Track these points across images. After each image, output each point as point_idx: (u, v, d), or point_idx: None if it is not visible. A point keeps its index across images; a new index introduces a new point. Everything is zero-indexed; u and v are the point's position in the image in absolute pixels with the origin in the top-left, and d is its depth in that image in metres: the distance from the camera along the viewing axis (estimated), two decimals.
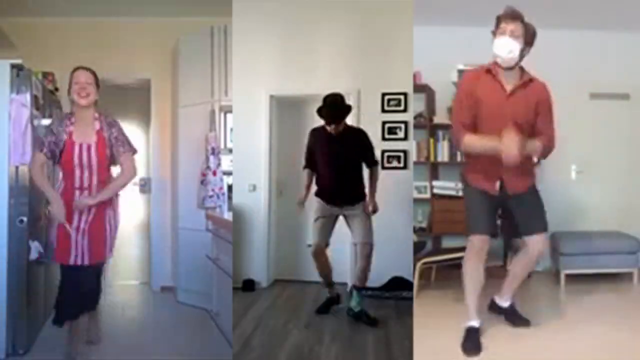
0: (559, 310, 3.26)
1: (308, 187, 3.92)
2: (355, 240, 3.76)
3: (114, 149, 2.98)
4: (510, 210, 2.92)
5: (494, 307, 3.17)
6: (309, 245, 3.83)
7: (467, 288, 2.90)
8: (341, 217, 3.84)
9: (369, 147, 3.82)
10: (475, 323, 2.89)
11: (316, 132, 3.85)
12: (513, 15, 2.68)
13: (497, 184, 2.81)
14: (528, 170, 2.88)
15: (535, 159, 2.90)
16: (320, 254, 3.80)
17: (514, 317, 3.10)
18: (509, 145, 2.55)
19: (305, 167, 3.94)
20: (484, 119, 2.76)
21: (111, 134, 2.97)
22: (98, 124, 2.94)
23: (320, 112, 3.68)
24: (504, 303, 3.14)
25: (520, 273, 3.06)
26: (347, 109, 3.70)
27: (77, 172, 2.88)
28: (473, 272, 2.88)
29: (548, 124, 2.77)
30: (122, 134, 3.03)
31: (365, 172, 3.86)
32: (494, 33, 2.72)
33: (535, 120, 2.75)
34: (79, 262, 2.89)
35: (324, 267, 3.87)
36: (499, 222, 3.19)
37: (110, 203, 3.03)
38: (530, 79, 2.75)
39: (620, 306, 3.54)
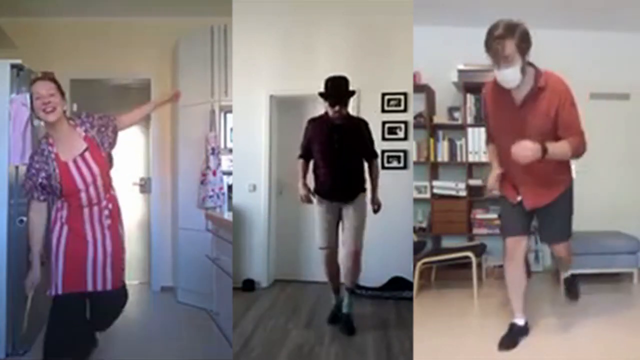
0: (559, 310, 3.25)
1: (305, 178, 3.61)
2: (344, 242, 3.53)
3: (107, 141, 2.63)
4: (537, 218, 2.89)
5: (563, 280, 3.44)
6: (325, 249, 3.56)
7: (509, 289, 2.91)
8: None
9: (370, 139, 3.64)
10: (519, 321, 2.91)
11: (316, 122, 3.59)
12: (499, 39, 2.43)
13: (518, 197, 2.79)
14: (554, 181, 2.77)
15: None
16: (331, 259, 3.56)
17: (567, 288, 3.37)
18: (516, 151, 2.44)
19: (301, 156, 3.65)
20: (497, 133, 2.75)
21: (94, 128, 2.59)
22: (80, 129, 2.55)
23: (322, 94, 3.44)
24: (565, 275, 3.41)
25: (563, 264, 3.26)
26: (351, 92, 3.47)
27: (83, 191, 2.53)
28: (511, 274, 2.88)
29: (572, 123, 2.59)
30: (99, 119, 2.63)
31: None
32: (488, 53, 2.50)
33: (557, 126, 2.59)
34: (99, 287, 2.58)
35: (333, 273, 3.62)
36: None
37: (119, 219, 2.75)
38: (541, 86, 2.55)
39: (620, 306, 3.54)
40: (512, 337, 2.85)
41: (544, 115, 2.57)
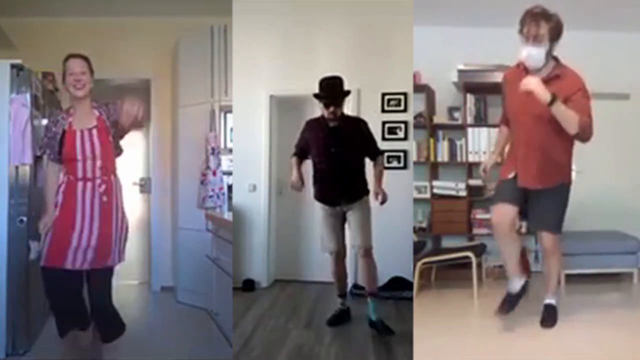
0: (559, 310, 3.25)
1: (299, 169, 3.55)
2: (354, 242, 3.52)
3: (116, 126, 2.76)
4: (530, 203, 2.94)
5: (543, 306, 3.16)
6: (330, 253, 3.61)
7: (503, 257, 3.03)
8: None
9: (371, 138, 3.57)
10: (515, 288, 3.04)
11: (312, 123, 3.54)
12: (535, 17, 2.67)
13: (512, 173, 2.90)
14: (553, 169, 2.86)
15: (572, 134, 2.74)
16: (339, 262, 3.62)
17: (545, 316, 3.08)
18: (524, 82, 2.62)
19: (295, 154, 3.62)
20: (511, 112, 2.91)
21: (109, 115, 2.78)
22: (96, 111, 2.77)
23: (317, 95, 3.40)
24: (546, 301, 3.16)
25: (547, 271, 3.13)
26: (346, 92, 3.43)
27: (80, 161, 2.67)
28: (502, 243, 2.96)
29: (583, 107, 2.71)
30: (114, 107, 2.80)
31: (368, 165, 3.63)
32: (520, 33, 2.73)
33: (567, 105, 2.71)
34: (77, 266, 2.63)
35: (340, 275, 3.69)
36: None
37: (117, 203, 2.79)
38: (557, 74, 2.75)
39: (620, 306, 3.54)
40: (510, 303, 3.02)
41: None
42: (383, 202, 3.50)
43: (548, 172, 2.86)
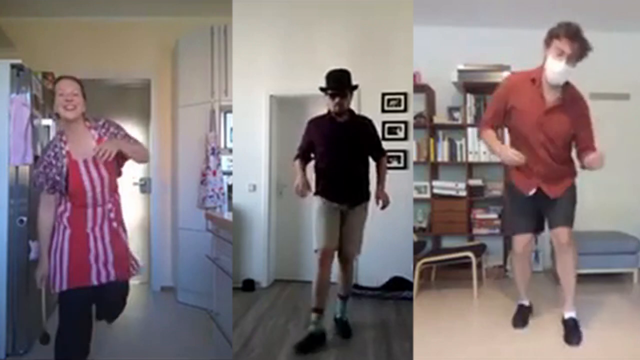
0: (559, 311, 3.25)
1: (303, 173, 3.32)
2: (342, 246, 3.34)
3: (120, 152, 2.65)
4: (544, 208, 3.00)
5: (563, 321, 2.99)
6: (316, 251, 3.22)
7: (516, 280, 3.23)
8: None
9: (377, 138, 3.48)
10: (525, 302, 3.20)
11: (317, 122, 3.37)
12: (573, 35, 2.62)
13: (533, 189, 2.92)
14: (565, 174, 2.94)
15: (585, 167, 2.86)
16: (326, 261, 3.19)
17: (568, 332, 2.88)
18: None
19: (298, 157, 3.42)
20: (520, 127, 2.84)
21: (107, 134, 2.64)
22: (95, 132, 2.61)
23: (323, 89, 3.27)
24: (565, 315, 2.98)
25: (564, 276, 2.97)
26: (354, 86, 3.30)
27: (90, 192, 2.55)
28: (517, 267, 3.19)
29: (591, 138, 2.86)
30: (121, 130, 2.71)
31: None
32: (547, 44, 2.68)
33: (577, 134, 2.84)
34: (103, 280, 2.56)
35: (323, 282, 3.20)
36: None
37: (120, 219, 2.74)
38: (572, 95, 2.78)
39: (620, 306, 3.54)
40: (523, 315, 3.14)
41: (568, 120, 2.78)
42: (384, 207, 3.39)
43: (563, 181, 2.93)
